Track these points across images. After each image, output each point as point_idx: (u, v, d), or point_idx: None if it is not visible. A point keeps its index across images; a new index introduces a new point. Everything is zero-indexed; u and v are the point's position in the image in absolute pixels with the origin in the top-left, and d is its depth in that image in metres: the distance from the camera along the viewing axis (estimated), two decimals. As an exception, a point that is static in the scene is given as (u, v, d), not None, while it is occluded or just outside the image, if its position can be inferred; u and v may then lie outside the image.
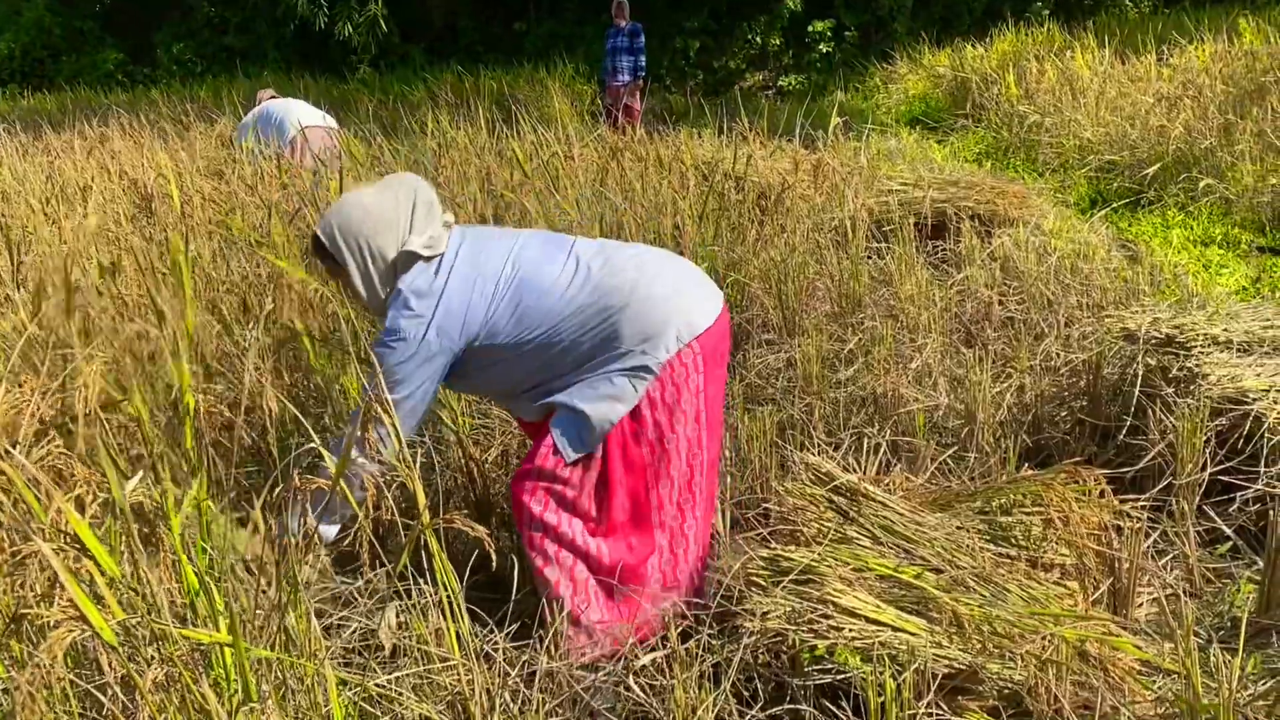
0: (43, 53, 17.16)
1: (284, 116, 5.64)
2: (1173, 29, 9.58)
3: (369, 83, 13.48)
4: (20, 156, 6.23)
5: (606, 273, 2.16)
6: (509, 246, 2.21)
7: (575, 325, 2.13)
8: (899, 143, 7.54)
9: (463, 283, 2.12)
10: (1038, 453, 3.10)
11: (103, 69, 16.47)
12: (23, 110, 11.89)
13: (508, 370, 2.18)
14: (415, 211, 2.17)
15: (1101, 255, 4.41)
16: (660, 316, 2.13)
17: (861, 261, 4.09)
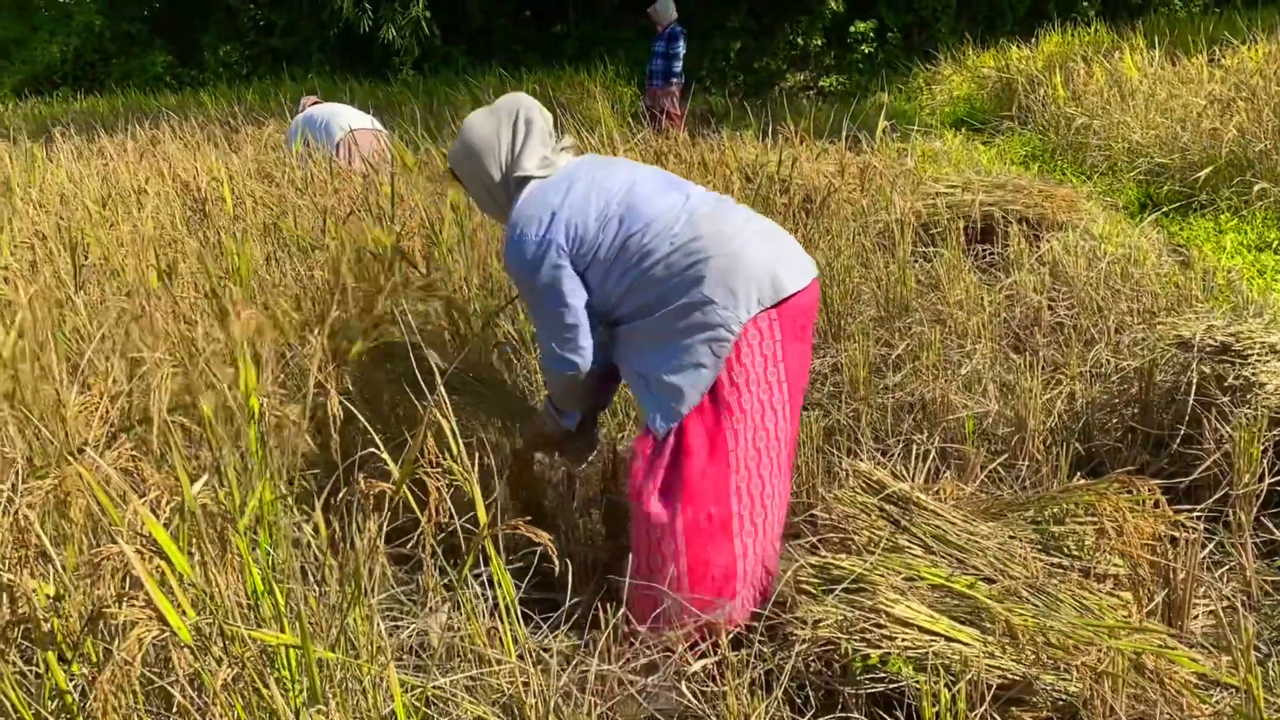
0: (94, 56, 17.49)
1: (331, 120, 5.71)
2: (1225, 29, 9.43)
3: (412, 85, 13.59)
4: (75, 159, 6.36)
5: (709, 220, 2.18)
6: (630, 173, 2.28)
7: (665, 260, 2.15)
8: (944, 144, 7.49)
9: (580, 197, 2.21)
10: (1089, 461, 3.07)
11: (151, 71, 16.74)
12: (76, 113, 12.12)
13: (604, 292, 2.23)
14: (517, 134, 2.29)
15: (1152, 260, 4.35)
16: (745, 275, 2.12)
17: (908, 265, 4.07)
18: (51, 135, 7.59)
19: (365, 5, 13.79)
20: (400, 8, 13.99)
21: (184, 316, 2.73)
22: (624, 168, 2.32)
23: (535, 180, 2.28)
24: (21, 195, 4.68)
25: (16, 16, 19.63)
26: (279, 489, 1.72)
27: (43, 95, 16.27)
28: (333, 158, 5.36)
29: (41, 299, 2.90)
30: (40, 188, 5.00)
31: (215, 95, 12.35)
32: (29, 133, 8.23)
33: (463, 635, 1.87)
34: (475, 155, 2.32)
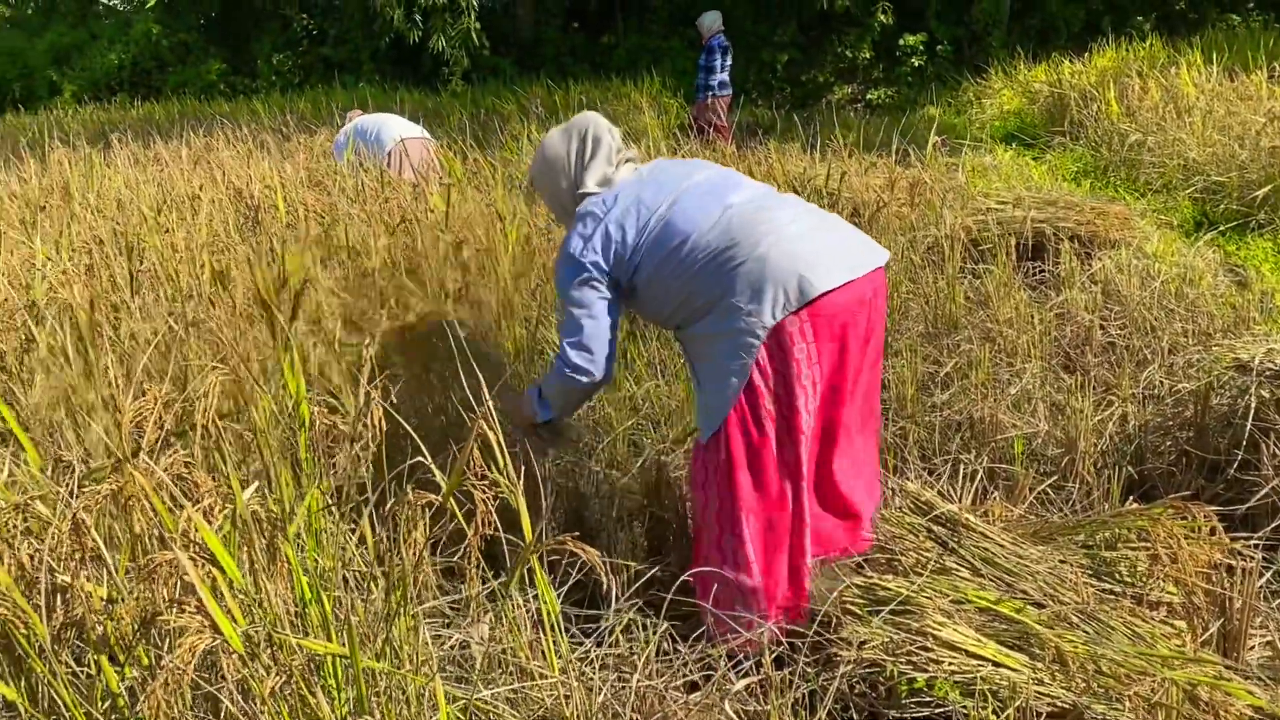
0: (150, 64, 17.83)
1: (381, 130, 5.76)
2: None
3: (460, 95, 13.70)
4: (132, 164, 6.48)
5: (744, 225, 2.21)
6: (677, 186, 2.34)
7: (701, 271, 2.21)
8: (994, 159, 7.41)
9: (620, 215, 2.32)
10: (1141, 484, 3.01)
11: (206, 79, 17.05)
12: (133, 119, 12.35)
13: (655, 304, 2.35)
14: (585, 152, 2.44)
15: (1208, 280, 4.27)
16: (772, 278, 2.12)
17: (957, 282, 4.03)
18: (109, 141, 7.74)
19: (416, 17, 13.94)
20: (450, 19, 14.12)
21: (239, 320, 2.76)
22: (675, 179, 2.37)
23: (591, 196, 2.40)
24: (80, 200, 4.77)
25: (77, 24, 20.07)
26: (327, 497, 1.73)
27: (101, 102, 16.62)
28: (383, 167, 5.41)
29: (98, 302, 2.96)
30: (98, 193, 5.10)
31: (268, 104, 12.53)
32: (88, 138, 8.41)
33: (505, 648, 1.87)
34: (549, 170, 2.47)
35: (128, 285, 3.20)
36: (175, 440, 1.79)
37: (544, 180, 2.52)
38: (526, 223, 4.25)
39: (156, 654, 1.47)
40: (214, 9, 18.01)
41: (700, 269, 2.21)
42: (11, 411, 2.13)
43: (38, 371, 2.37)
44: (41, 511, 1.59)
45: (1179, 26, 13.70)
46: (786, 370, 2.14)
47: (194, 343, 2.47)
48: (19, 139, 9.45)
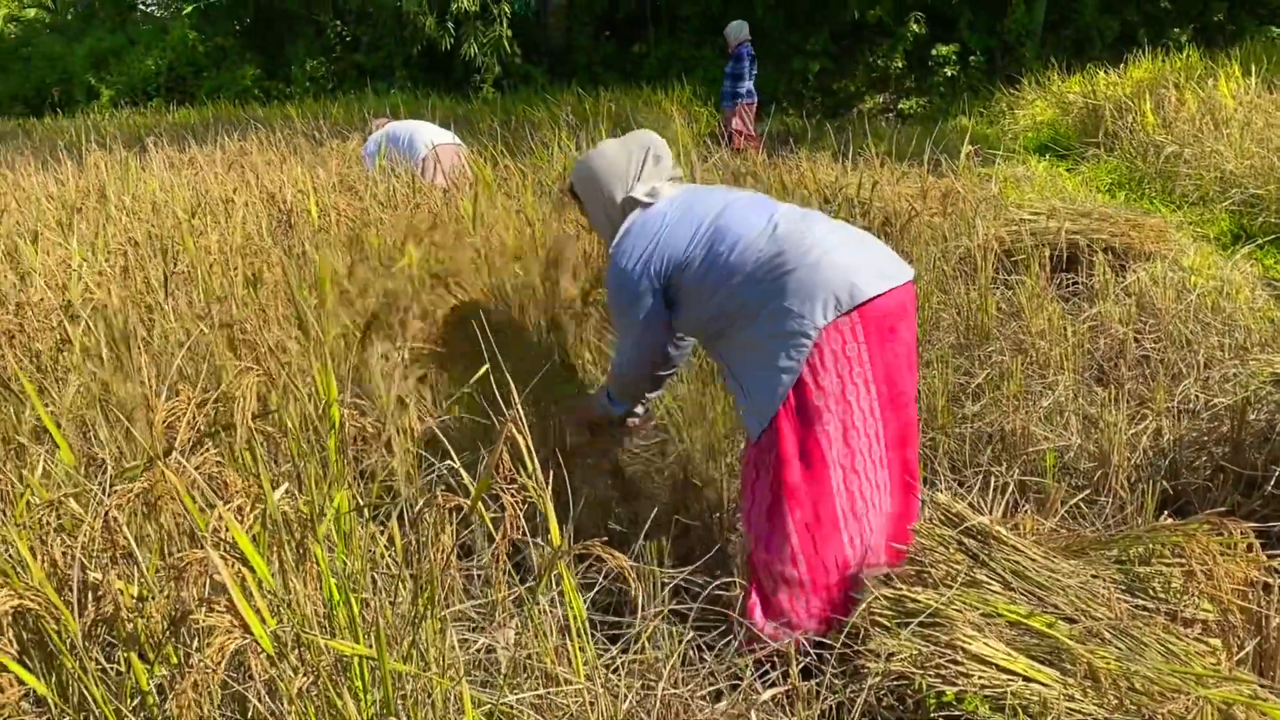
0: (187, 69, 18.05)
1: (414, 136, 5.79)
2: (1325, 57, 9.15)
3: (491, 102, 13.78)
4: (167, 168, 6.55)
5: (791, 236, 2.27)
6: (722, 200, 2.43)
7: (751, 275, 2.26)
8: (1027, 170, 7.35)
9: (674, 224, 2.39)
10: (1175, 500, 2.97)
11: (240, 84, 17.22)
12: (169, 124, 12.50)
13: (700, 307, 2.37)
14: (644, 165, 2.52)
15: (1245, 294, 4.21)
16: (823, 283, 2.19)
17: (989, 292, 3.99)
18: (145, 145, 7.83)
19: (448, 24, 14.04)
20: (482, 27, 14.22)
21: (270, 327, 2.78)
22: (719, 194, 2.47)
23: (639, 209, 2.48)
24: (116, 202, 4.83)
25: (116, 29, 20.36)
26: (356, 499, 1.73)
27: (138, 106, 16.83)
28: (415, 173, 5.43)
29: (133, 303, 2.98)
30: (134, 195, 5.16)
31: (301, 109, 12.64)
32: (124, 142, 8.50)
33: (531, 653, 1.86)
34: (601, 178, 2.54)
35: (162, 287, 3.22)
36: (207, 440, 1.80)
37: (592, 188, 2.57)
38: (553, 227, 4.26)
39: (185, 652, 1.48)
40: (249, 15, 18.24)
41: (750, 274, 2.26)
42: (47, 410, 2.15)
43: (72, 370, 2.39)
44: (74, 509, 1.60)
45: (1216, 38, 13.56)
46: (839, 368, 2.19)
47: (227, 344, 2.49)
48: (57, 142, 9.59)
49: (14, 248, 3.94)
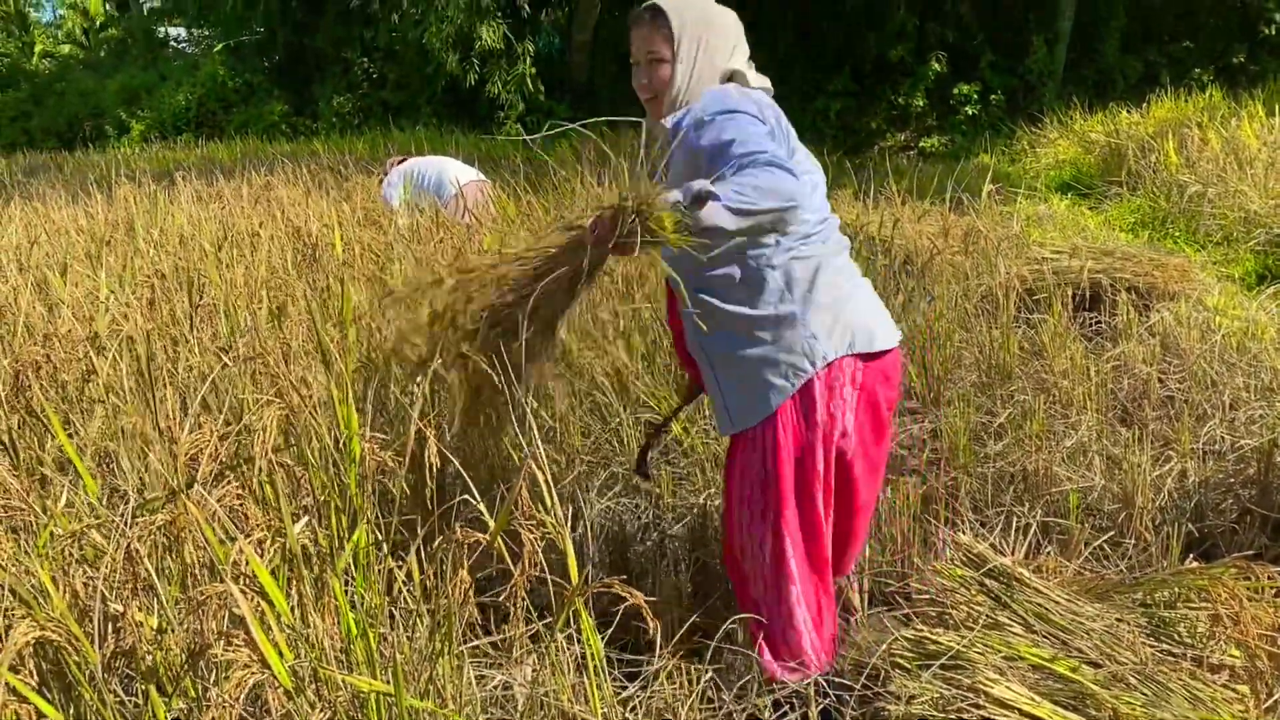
0: (216, 105, 18.33)
1: (440, 175, 5.80)
2: (1350, 98, 9.13)
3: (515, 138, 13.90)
4: (194, 201, 6.63)
5: (839, 254, 2.22)
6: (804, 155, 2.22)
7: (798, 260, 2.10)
8: (1049, 209, 7.35)
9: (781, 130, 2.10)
10: (1201, 543, 2.93)
11: (268, 120, 17.46)
12: (197, 158, 12.68)
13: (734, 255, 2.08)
14: (739, 43, 2.19)
15: (1271, 335, 4.18)
16: (847, 318, 2.13)
17: (1011, 331, 3.98)
18: (174, 179, 7.94)
19: (473, 61, 14.21)
20: (506, 65, 14.38)
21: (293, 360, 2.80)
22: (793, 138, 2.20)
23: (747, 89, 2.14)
24: (144, 236, 4.89)
25: (148, 66, 20.74)
26: (376, 533, 1.74)
27: (167, 140, 17.09)
28: (442, 210, 5.46)
29: (159, 335, 3.02)
30: (161, 229, 5.23)
31: (327, 144, 12.81)
32: (153, 176, 8.63)
33: (548, 690, 1.85)
34: (715, 28, 2.14)
35: (187, 319, 3.26)
36: (229, 473, 1.81)
37: (703, 31, 2.12)
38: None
39: (204, 686, 1.48)
40: (279, 53, 18.52)
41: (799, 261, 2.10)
42: (71, 441, 2.17)
43: (97, 402, 2.41)
44: (97, 540, 1.61)
45: (1239, 79, 13.55)
46: (833, 404, 2.13)
47: (249, 377, 2.51)
48: (88, 175, 9.74)
49: (44, 279, 4.00)
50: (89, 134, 18.71)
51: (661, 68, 2.14)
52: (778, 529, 2.17)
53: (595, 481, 3.13)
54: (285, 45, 18.47)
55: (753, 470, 2.18)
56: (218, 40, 19.42)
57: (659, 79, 2.15)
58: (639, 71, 2.20)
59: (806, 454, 2.14)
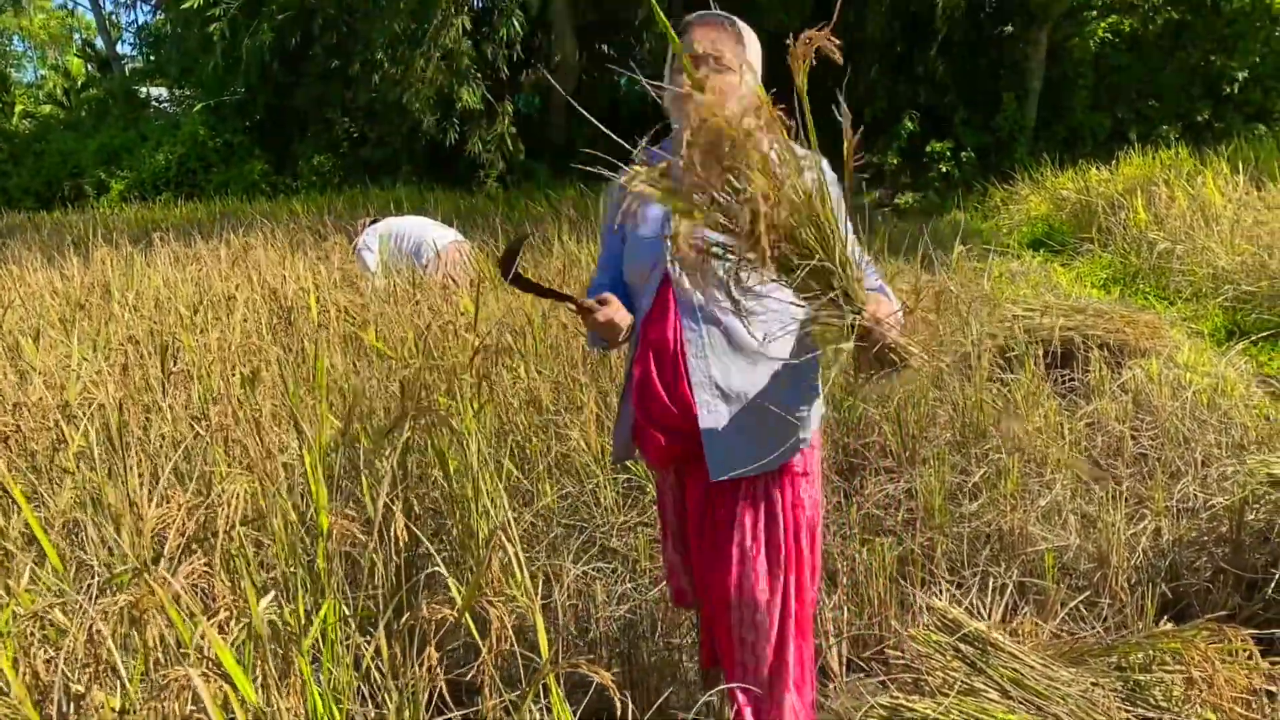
0: (196, 164, 18.37)
1: (420, 237, 5.79)
2: (1312, 155, 9.33)
3: (495, 197, 14.00)
4: (172, 263, 6.63)
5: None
6: None
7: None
8: (1022, 265, 7.44)
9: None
10: (1176, 602, 2.94)
11: (248, 179, 17.51)
12: (176, 218, 12.69)
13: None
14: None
15: (1241, 391, 4.22)
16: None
17: (985, 390, 4.00)
18: (151, 240, 7.94)
19: (453, 121, 14.35)
20: (486, 125, 14.54)
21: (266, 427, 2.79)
22: None
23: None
24: (119, 299, 4.88)
25: (128, 126, 20.78)
26: (343, 609, 1.72)
27: (146, 200, 17.09)
28: (420, 273, 5.46)
29: (130, 402, 3.00)
30: (137, 292, 5.22)
31: (307, 204, 12.86)
32: (131, 237, 8.63)
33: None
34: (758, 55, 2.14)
35: (160, 386, 3.24)
36: (196, 546, 1.79)
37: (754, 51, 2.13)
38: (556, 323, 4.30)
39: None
40: (259, 113, 18.66)
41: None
42: (38, 513, 2.15)
43: (67, 473, 2.39)
44: (60, 619, 1.59)
45: (1205, 135, 13.84)
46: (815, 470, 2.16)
47: (222, 445, 2.50)
48: (65, 236, 9.73)
49: (16, 345, 3.97)
50: (68, 194, 18.70)
51: (728, 75, 2.06)
52: (786, 586, 2.13)
53: (571, 545, 3.12)
54: (266, 105, 18.61)
55: (759, 525, 2.12)
56: (199, 100, 19.53)
57: (727, 84, 2.03)
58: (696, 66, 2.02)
59: (809, 512, 2.15)
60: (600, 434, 3.54)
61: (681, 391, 2.09)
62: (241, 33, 15.81)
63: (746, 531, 2.10)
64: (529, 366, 3.72)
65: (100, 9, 24.59)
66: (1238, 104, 14.95)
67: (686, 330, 2.08)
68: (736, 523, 2.10)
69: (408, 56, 13.72)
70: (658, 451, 2.15)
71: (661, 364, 2.11)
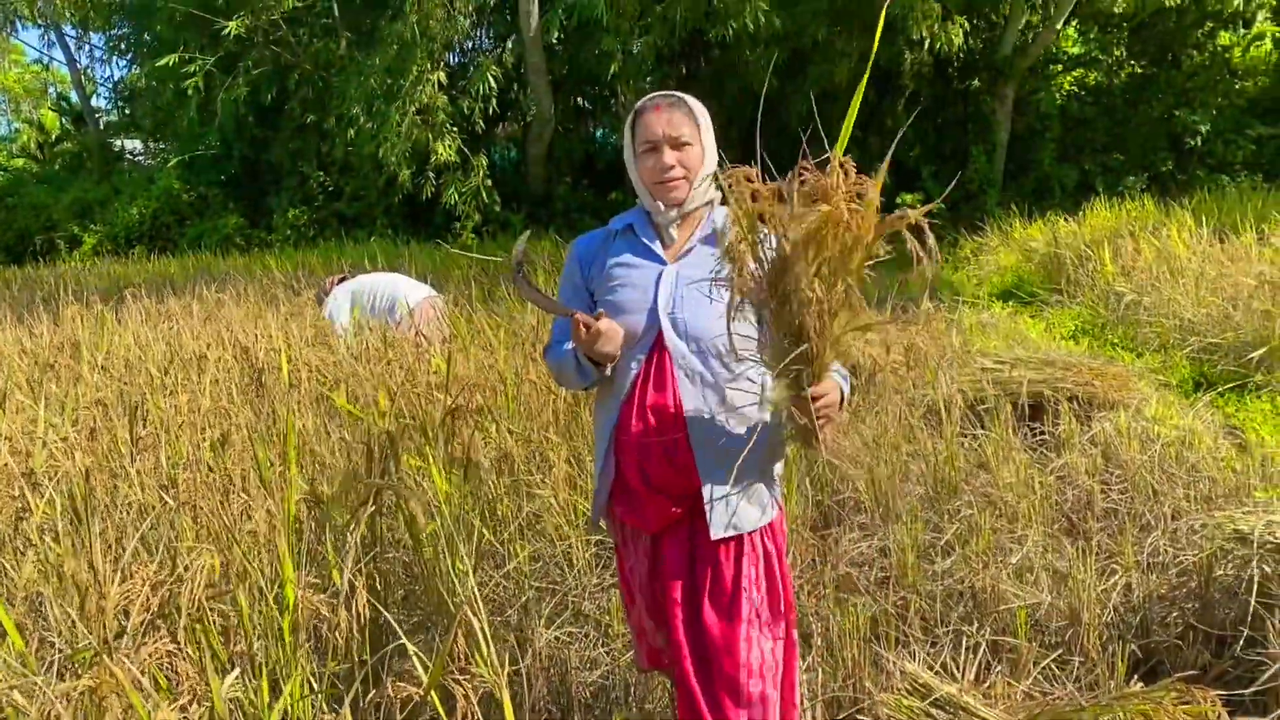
0: (170, 218, 18.34)
1: (393, 295, 5.77)
2: (1273, 207, 9.50)
3: (471, 248, 14.03)
4: (143, 321, 6.60)
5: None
6: None
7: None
8: (991, 316, 7.51)
9: None
10: (1147, 659, 2.94)
11: (223, 232, 17.47)
12: (149, 273, 12.64)
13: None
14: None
15: (1208, 443, 4.27)
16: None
17: (956, 444, 4.03)
18: (123, 296, 7.90)
19: (429, 174, 14.43)
20: (462, 178, 14.63)
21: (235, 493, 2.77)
22: None
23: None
24: (89, 359, 4.85)
25: (102, 179, 20.74)
26: (309, 686, 1.70)
27: (119, 254, 17.02)
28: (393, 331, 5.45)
29: (97, 470, 2.97)
30: (107, 351, 5.18)
31: (281, 258, 12.84)
32: (102, 293, 8.58)
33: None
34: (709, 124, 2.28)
35: (129, 450, 3.21)
36: (161, 622, 1.77)
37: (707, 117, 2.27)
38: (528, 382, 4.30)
39: None
40: (234, 167, 18.70)
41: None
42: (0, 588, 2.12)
43: (30, 545, 2.36)
44: (19, 702, 1.56)
45: (1169, 186, 14.11)
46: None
47: (190, 514, 2.47)
48: (35, 293, 9.67)
49: (-18, 408, 3.93)
50: (40, 248, 18.60)
51: (691, 150, 2.21)
52: (789, 635, 2.22)
53: (543, 609, 3.10)
54: (241, 159, 18.67)
55: (758, 578, 2.19)
56: (174, 154, 19.55)
57: (692, 158, 2.22)
58: (664, 155, 2.19)
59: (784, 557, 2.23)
60: (572, 492, 3.53)
61: (683, 455, 2.14)
62: (217, 87, 15.88)
63: (753, 586, 2.17)
64: (500, 426, 3.72)
65: (75, 64, 24.61)
66: (1201, 156, 15.28)
67: (686, 396, 2.14)
68: (744, 580, 2.17)
69: (384, 111, 13.82)
70: (658, 516, 2.18)
71: (663, 429, 2.15)
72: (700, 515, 2.15)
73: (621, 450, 2.19)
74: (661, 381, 2.16)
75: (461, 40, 16.86)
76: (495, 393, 4.15)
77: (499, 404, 4.07)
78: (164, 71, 16.08)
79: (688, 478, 2.14)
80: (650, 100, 2.23)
